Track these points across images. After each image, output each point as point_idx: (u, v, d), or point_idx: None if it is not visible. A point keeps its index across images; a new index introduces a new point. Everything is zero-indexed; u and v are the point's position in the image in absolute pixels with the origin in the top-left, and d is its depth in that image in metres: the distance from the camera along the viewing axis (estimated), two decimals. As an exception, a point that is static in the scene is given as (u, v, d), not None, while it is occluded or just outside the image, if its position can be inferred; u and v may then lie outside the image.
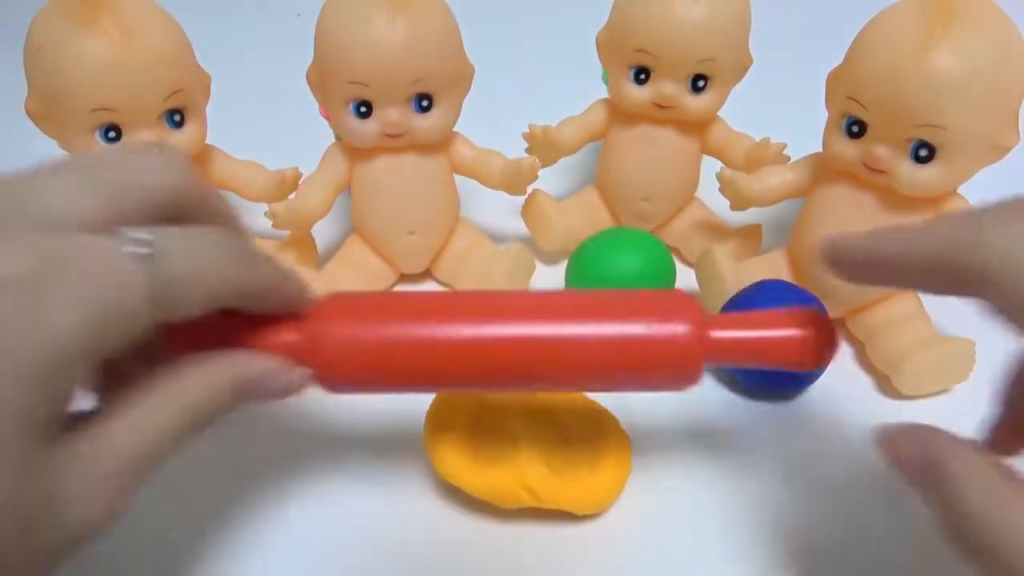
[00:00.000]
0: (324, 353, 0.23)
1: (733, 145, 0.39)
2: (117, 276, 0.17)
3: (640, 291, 0.25)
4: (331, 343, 0.23)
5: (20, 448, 0.16)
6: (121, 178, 0.19)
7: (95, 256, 0.17)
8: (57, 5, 0.32)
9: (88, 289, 0.17)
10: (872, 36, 0.32)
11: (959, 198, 0.34)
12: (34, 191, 0.18)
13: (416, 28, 0.33)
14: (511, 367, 0.23)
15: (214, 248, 0.20)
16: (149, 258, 0.18)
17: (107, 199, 0.18)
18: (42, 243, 0.16)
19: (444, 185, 0.39)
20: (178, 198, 0.20)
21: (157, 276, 0.18)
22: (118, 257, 0.17)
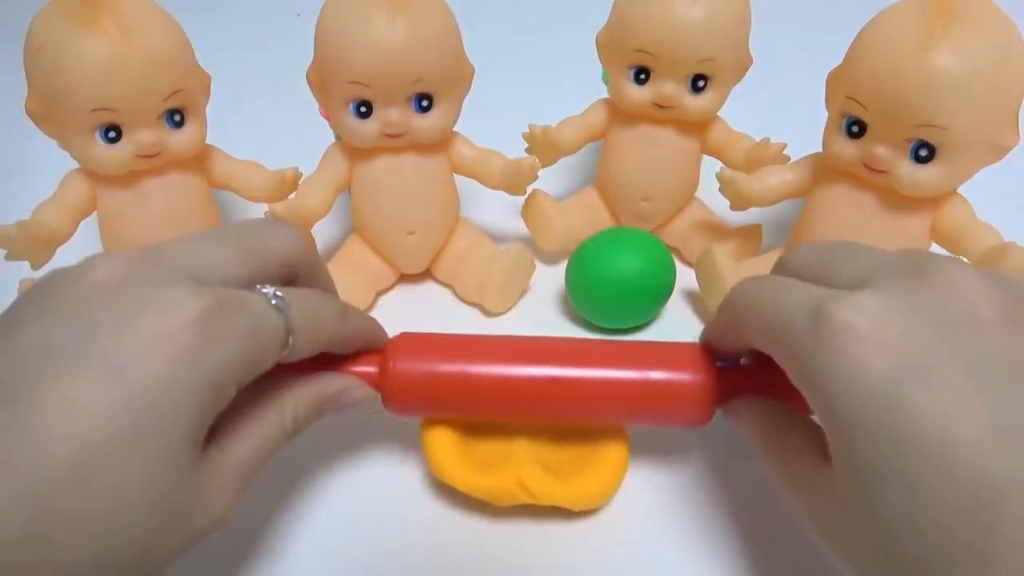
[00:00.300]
0: (391, 383, 0.28)
1: (733, 145, 0.39)
2: (265, 319, 0.22)
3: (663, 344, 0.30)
4: (396, 376, 0.28)
5: (187, 455, 0.20)
6: (261, 247, 0.24)
7: (249, 303, 0.22)
8: (57, 5, 0.32)
9: (247, 327, 0.21)
10: (872, 36, 0.32)
11: (959, 198, 0.34)
12: (198, 256, 0.22)
13: (416, 28, 0.33)
14: (546, 403, 0.28)
15: (323, 306, 0.26)
16: (282, 309, 0.23)
17: (252, 266, 0.23)
18: (211, 292, 0.21)
19: (444, 185, 0.39)
20: (298, 262, 0.25)
21: (287, 323, 0.23)
22: (264, 306, 0.22)
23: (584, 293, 0.37)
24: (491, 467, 0.30)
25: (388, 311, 0.41)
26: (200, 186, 0.38)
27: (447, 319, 0.40)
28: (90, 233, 0.37)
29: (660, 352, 0.29)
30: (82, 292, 0.20)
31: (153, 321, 0.20)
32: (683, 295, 0.41)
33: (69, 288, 0.21)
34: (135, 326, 0.19)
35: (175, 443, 0.20)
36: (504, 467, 0.29)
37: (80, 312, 0.20)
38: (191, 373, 0.20)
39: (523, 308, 0.41)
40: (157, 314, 0.20)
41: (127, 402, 0.19)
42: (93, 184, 0.36)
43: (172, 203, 0.36)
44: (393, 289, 0.42)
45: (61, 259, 0.35)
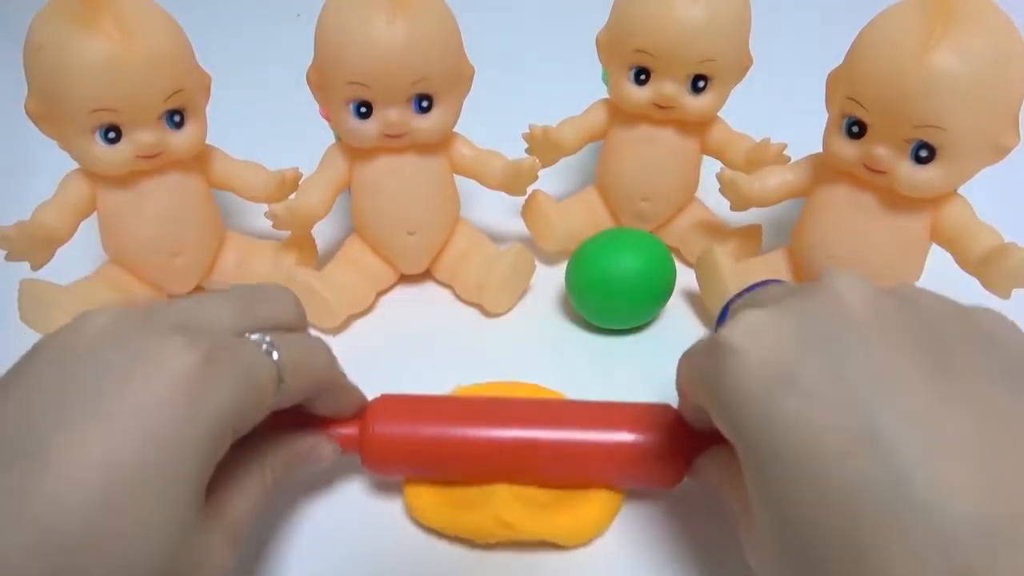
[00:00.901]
0: (370, 445, 0.29)
1: (733, 145, 0.39)
2: (258, 365, 0.22)
3: (637, 405, 0.30)
4: (375, 439, 0.29)
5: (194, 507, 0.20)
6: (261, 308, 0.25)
7: (241, 350, 0.22)
8: (57, 5, 0.32)
9: (241, 375, 0.21)
10: (872, 36, 0.32)
11: (959, 198, 0.34)
12: (198, 307, 0.23)
13: (416, 28, 0.33)
14: (520, 465, 0.29)
15: (313, 349, 0.26)
16: (272, 353, 0.23)
17: (249, 320, 0.24)
18: (204, 341, 0.21)
19: (444, 185, 0.39)
20: (293, 326, 0.26)
21: (279, 367, 0.23)
22: (256, 352, 0.23)
23: (584, 293, 0.37)
24: (471, 506, 0.29)
25: (388, 311, 0.41)
26: (200, 186, 0.38)
27: (447, 319, 0.40)
28: (90, 233, 0.37)
29: (633, 414, 0.29)
30: (80, 347, 0.21)
31: (152, 374, 0.20)
32: (683, 295, 0.41)
33: (67, 345, 0.21)
34: (135, 380, 0.20)
35: (184, 494, 0.20)
36: (484, 506, 0.29)
37: (80, 369, 0.20)
38: (193, 423, 0.20)
39: (523, 308, 0.41)
40: (155, 366, 0.20)
41: (135, 452, 0.19)
42: (93, 184, 0.36)
43: (172, 203, 0.36)
44: (393, 289, 0.42)
45: (61, 259, 0.36)
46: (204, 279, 0.40)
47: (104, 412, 0.19)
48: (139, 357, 0.20)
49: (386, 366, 0.37)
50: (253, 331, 0.23)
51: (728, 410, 0.21)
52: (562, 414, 0.29)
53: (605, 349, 0.38)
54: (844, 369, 0.19)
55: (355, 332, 0.39)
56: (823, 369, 0.19)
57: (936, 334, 0.20)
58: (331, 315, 0.38)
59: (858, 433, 0.18)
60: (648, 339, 0.39)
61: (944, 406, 0.18)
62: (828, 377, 0.19)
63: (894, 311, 0.20)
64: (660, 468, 0.28)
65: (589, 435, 0.28)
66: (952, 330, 0.20)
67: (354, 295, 0.39)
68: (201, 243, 0.39)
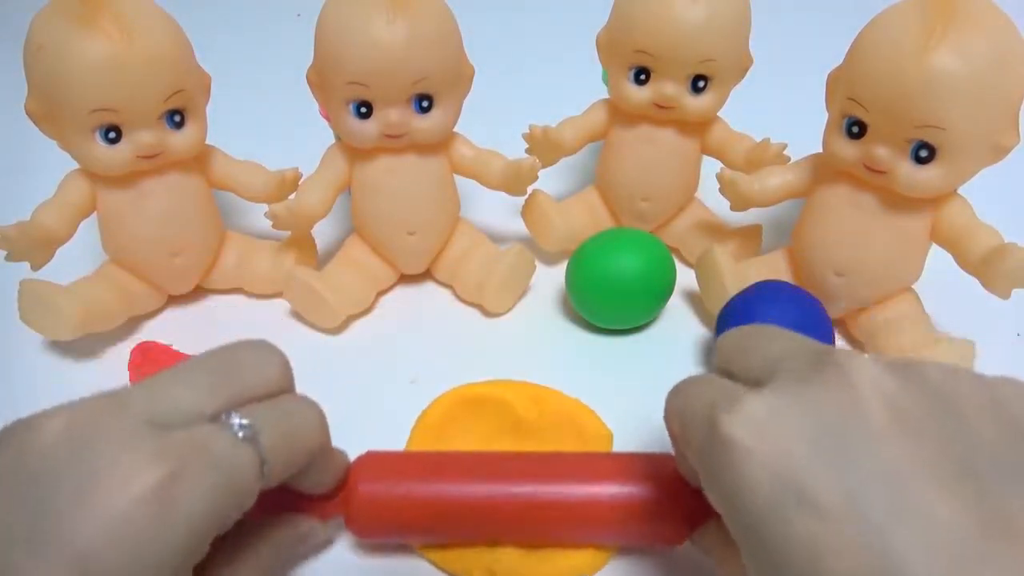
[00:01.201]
0: (354, 510, 0.27)
1: (733, 145, 0.39)
2: (235, 462, 0.21)
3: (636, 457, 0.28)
4: (359, 503, 0.27)
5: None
6: (237, 378, 0.23)
7: (215, 450, 0.20)
8: (57, 5, 0.32)
9: (214, 480, 0.20)
10: (872, 37, 0.31)
11: (959, 198, 0.34)
12: (164, 397, 0.21)
13: (416, 28, 0.33)
14: (513, 524, 0.27)
15: (300, 417, 0.24)
16: (253, 438, 0.21)
17: (225, 397, 0.22)
18: (169, 447, 0.19)
19: (444, 185, 0.39)
20: (282, 387, 0.24)
21: (260, 451, 0.21)
22: (231, 445, 0.21)
23: (584, 293, 0.37)
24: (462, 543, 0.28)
25: (388, 311, 0.41)
26: (200, 186, 0.38)
27: (447, 319, 0.40)
28: (90, 233, 0.37)
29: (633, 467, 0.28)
30: (34, 462, 0.19)
31: (109, 499, 0.18)
32: (683, 295, 0.41)
33: (20, 457, 0.19)
34: (91, 507, 0.18)
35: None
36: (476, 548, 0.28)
37: (31, 492, 0.19)
38: (160, 541, 0.19)
39: (523, 308, 0.41)
40: (113, 490, 0.18)
41: None
42: (93, 184, 0.36)
43: (172, 203, 0.36)
44: (393, 289, 0.42)
45: (61, 259, 0.36)
46: (204, 279, 0.40)
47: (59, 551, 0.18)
48: (95, 478, 0.19)
49: (386, 366, 0.37)
50: (232, 408, 0.22)
51: (733, 512, 0.19)
52: (557, 468, 0.28)
53: (605, 349, 0.38)
54: (859, 484, 0.17)
55: (355, 332, 0.39)
56: (836, 483, 0.18)
57: (958, 429, 0.18)
58: (331, 315, 0.38)
59: (872, 560, 0.17)
60: (648, 339, 0.39)
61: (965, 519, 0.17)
62: (841, 494, 0.17)
63: (913, 406, 0.19)
64: (661, 526, 0.27)
65: (586, 490, 0.27)
66: (976, 425, 0.18)
67: (354, 295, 0.39)
68: (201, 243, 0.39)
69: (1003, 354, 0.35)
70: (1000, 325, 0.37)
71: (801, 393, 0.19)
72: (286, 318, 0.40)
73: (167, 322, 0.40)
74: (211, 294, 0.41)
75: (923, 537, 0.16)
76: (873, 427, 0.18)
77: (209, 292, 0.41)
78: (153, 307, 0.39)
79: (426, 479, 0.27)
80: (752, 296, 0.34)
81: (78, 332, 0.34)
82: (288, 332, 0.39)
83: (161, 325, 0.40)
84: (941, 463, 0.18)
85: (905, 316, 0.35)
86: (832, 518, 0.17)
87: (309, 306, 0.38)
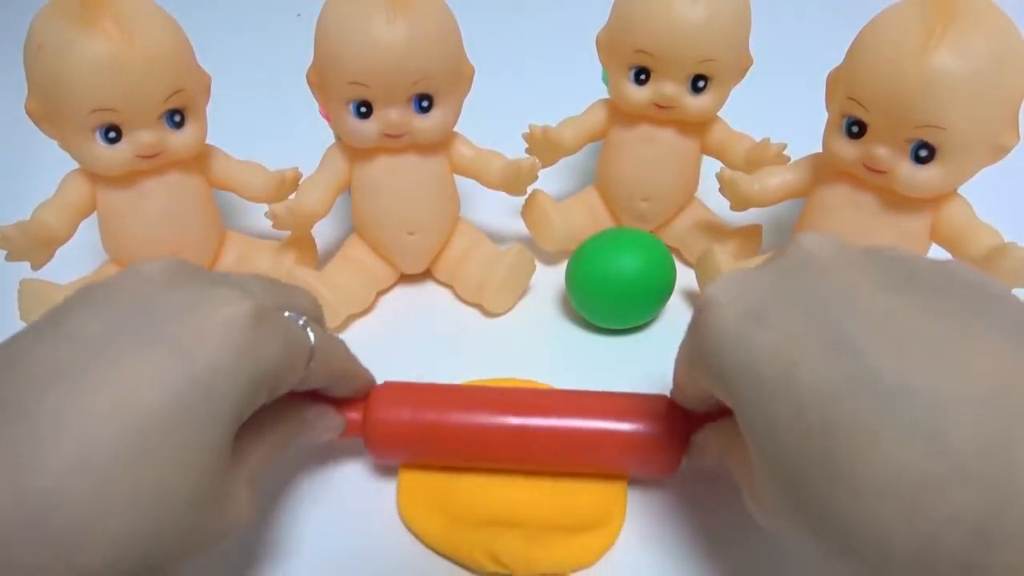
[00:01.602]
0: (373, 431, 0.30)
1: (733, 145, 0.39)
2: (297, 335, 0.24)
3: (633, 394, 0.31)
4: (377, 424, 0.30)
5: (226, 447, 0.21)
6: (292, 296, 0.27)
7: (284, 319, 0.24)
8: (57, 5, 0.32)
9: (285, 336, 0.23)
10: (872, 36, 0.32)
11: (959, 198, 0.34)
12: (243, 280, 0.24)
13: (416, 28, 0.33)
14: (520, 451, 0.30)
15: (336, 341, 0.28)
16: (308, 331, 0.25)
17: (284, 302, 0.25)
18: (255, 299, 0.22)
19: (444, 185, 0.39)
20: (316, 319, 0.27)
21: (312, 345, 0.24)
22: (294, 325, 0.24)
23: (584, 293, 0.37)
24: (464, 525, 0.29)
25: (388, 311, 0.41)
26: (200, 186, 0.38)
27: (447, 319, 0.40)
28: (90, 233, 0.37)
29: (630, 402, 0.30)
30: (138, 284, 0.22)
31: (212, 311, 0.21)
32: (683, 295, 0.41)
33: (124, 282, 0.22)
34: (195, 314, 0.21)
35: (220, 433, 0.21)
36: (478, 529, 0.29)
37: (139, 300, 0.21)
38: (245, 363, 0.21)
39: (523, 308, 0.41)
40: (215, 306, 0.21)
41: (190, 380, 0.20)
42: (93, 184, 0.36)
43: (172, 203, 0.36)
44: (393, 289, 0.42)
45: (61, 259, 0.36)
46: (204, 279, 0.40)
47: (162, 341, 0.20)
48: (197, 298, 0.21)
49: (386, 366, 0.37)
50: (288, 311, 0.25)
51: (710, 357, 0.22)
52: (561, 402, 0.30)
53: (605, 349, 0.38)
54: (811, 299, 0.20)
55: (355, 332, 0.39)
56: (792, 303, 0.21)
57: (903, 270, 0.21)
58: (331, 315, 0.38)
59: (827, 345, 0.19)
60: (648, 339, 0.39)
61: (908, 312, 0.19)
62: (796, 309, 0.20)
63: (862, 256, 0.22)
64: (658, 453, 0.29)
65: (588, 422, 0.29)
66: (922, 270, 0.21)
67: (354, 295, 0.39)
68: (201, 243, 0.39)
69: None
70: (1000, 325, 0.37)
71: (766, 262, 0.24)
72: (286, 318, 0.40)
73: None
74: (211, 294, 0.41)
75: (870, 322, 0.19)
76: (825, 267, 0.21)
77: (209, 292, 0.41)
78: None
79: (439, 405, 0.30)
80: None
81: (78, 332, 0.34)
82: (288, 332, 0.39)
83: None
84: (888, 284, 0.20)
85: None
86: (790, 325, 0.20)
87: (309, 306, 0.38)
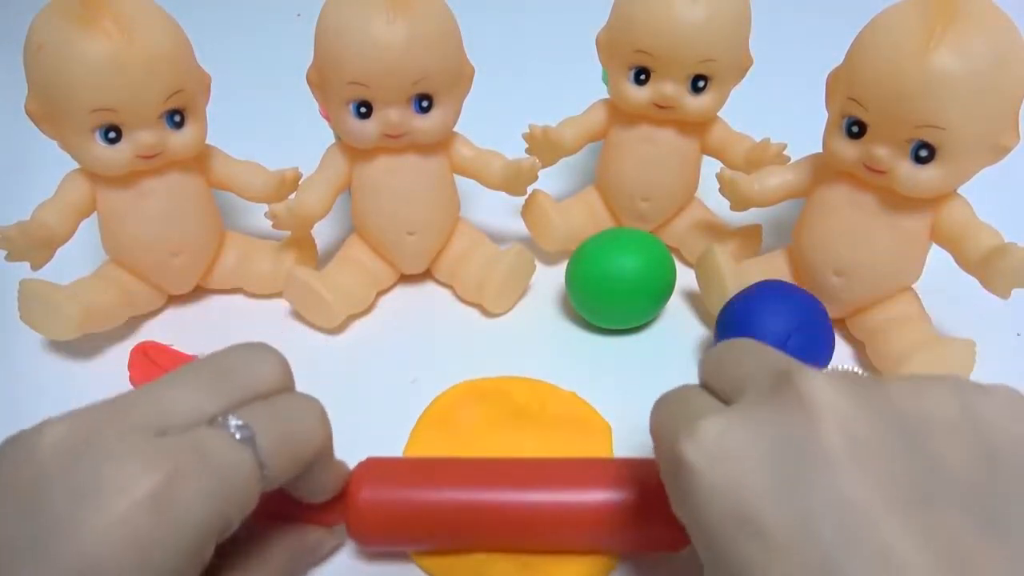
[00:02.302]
0: (355, 517, 0.27)
1: (733, 145, 0.39)
2: (231, 466, 0.20)
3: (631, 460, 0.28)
4: (360, 510, 0.26)
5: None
6: (236, 380, 0.22)
7: (211, 453, 0.20)
8: (57, 5, 0.32)
9: (212, 485, 0.20)
10: (872, 36, 0.32)
11: (959, 198, 0.34)
12: (167, 396, 0.21)
13: (416, 28, 0.33)
14: (514, 531, 0.27)
15: (300, 416, 0.23)
16: (251, 439, 0.21)
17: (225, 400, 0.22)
18: (166, 452, 0.19)
19: (444, 185, 0.39)
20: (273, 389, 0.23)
21: (259, 453, 0.21)
22: (228, 449, 0.21)
23: (584, 293, 0.37)
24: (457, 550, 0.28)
25: (388, 311, 0.41)
26: (200, 186, 0.38)
27: (447, 319, 0.40)
28: (90, 233, 0.37)
29: (633, 473, 0.27)
30: (31, 473, 0.19)
31: (106, 506, 0.18)
32: (683, 295, 0.41)
33: (21, 467, 0.20)
34: (91, 512, 0.18)
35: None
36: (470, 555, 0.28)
37: (31, 501, 0.19)
38: (155, 554, 0.19)
39: (523, 308, 0.41)
40: (112, 495, 0.19)
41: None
42: (93, 184, 0.36)
43: (172, 203, 0.36)
44: (393, 289, 0.42)
45: (61, 259, 0.36)
46: (204, 279, 0.40)
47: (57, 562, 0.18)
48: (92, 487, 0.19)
49: (386, 366, 0.37)
50: (230, 410, 0.21)
51: (692, 529, 0.20)
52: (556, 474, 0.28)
53: (605, 349, 0.38)
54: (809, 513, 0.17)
55: (355, 332, 0.39)
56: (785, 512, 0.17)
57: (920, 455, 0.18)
58: (331, 315, 0.38)
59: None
60: (648, 339, 0.39)
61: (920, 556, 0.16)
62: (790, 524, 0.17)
63: (871, 431, 0.18)
64: (662, 530, 0.26)
65: (586, 496, 0.27)
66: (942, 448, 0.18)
67: (354, 295, 0.39)
68: (201, 243, 0.39)
69: (1003, 354, 0.35)
70: (1000, 325, 0.37)
71: (756, 416, 0.19)
72: (286, 318, 0.40)
73: (167, 322, 0.40)
74: (211, 294, 0.41)
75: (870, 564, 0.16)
76: (827, 453, 0.18)
77: (209, 292, 0.41)
78: (153, 307, 0.39)
79: (426, 486, 0.27)
80: (752, 296, 0.34)
81: (78, 332, 0.34)
82: (288, 332, 0.39)
83: (161, 325, 0.40)
84: (898, 492, 0.17)
85: (905, 316, 0.35)
86: (780, 547, 0.17)
87: (309, 306, 0.38)
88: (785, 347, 0.29)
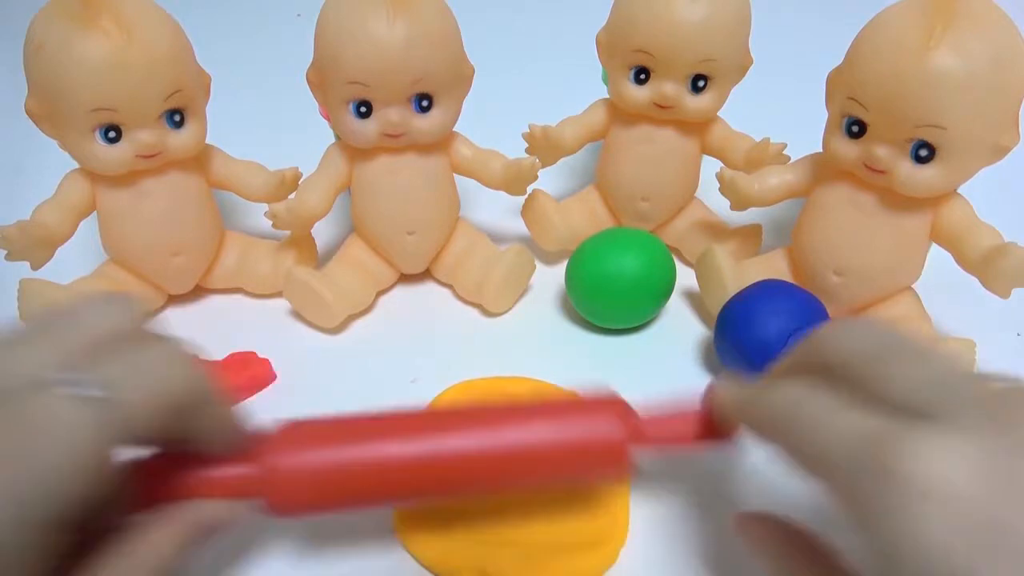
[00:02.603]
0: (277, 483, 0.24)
1: (733, 145, 0.39)
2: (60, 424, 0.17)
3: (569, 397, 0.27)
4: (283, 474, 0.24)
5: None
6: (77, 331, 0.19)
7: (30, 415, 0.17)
8: (57, 5, 0.32)
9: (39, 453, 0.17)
10: (872, 36, 0.31)
11: (959, 198, 0.34)
12: None
13: (416, 28, 0.33)
14: (452, 478, 0.25)
15: (156, 361, 0.20)
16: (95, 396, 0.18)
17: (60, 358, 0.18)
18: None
19: (444, 185, 0.39)
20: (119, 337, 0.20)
21: (109, 411, 0.18)
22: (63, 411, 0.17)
23: (584, 293, 0.37)
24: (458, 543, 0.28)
25: (388, 311, 0.41)
26: (200, 186, 0.38)
27: (447, 319, 0.40)
28: (90, 233, 0.37)
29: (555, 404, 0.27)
30: None
31: None
32: (683, 295, 0.41)
33: None
34: None
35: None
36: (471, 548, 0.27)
37: None
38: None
39: (523, 308, 0.41)
40: None
41: None
42: (93, 184, 0.36)
43: (172, 203, 0.36)
44: (393, 289, 0.42)
45: (61, 259, 0.36)
46: (204, 279, 0.40)
47: None
48: None
49: (386, 366, 0.37)
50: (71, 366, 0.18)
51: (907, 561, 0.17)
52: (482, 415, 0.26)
53: (605, 349, 0.38)
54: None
55: (355, 332, 0.39)
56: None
57: None
58: (331, 315, 0.38)
59: None
60: (648, 339, 0.39)
61: None
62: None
63: None
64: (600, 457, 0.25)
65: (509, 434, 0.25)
66: None
67: (354, 295, 0.39)
68: (201, 243, 0.39)
69: (1003, 354, 0.35)
70: (1000, 325, 0.37)
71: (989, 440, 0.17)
72: (286, 318, 0.40)
73: (167, 322, 0.40)
74: (211, 294, 0.41)
75: None
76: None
77: (209, 292, 0.41)
78: (153, 307, 0.39)
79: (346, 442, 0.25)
80: (752, 296, 0.34)
81: (78, 332, 0.34)
82: (288, 332, 0.39)
83: (161, 325, 0.40)
84: None
85: (905, 316, 0.35)
86: None
87: (309, 306, 0.38)
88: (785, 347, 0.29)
